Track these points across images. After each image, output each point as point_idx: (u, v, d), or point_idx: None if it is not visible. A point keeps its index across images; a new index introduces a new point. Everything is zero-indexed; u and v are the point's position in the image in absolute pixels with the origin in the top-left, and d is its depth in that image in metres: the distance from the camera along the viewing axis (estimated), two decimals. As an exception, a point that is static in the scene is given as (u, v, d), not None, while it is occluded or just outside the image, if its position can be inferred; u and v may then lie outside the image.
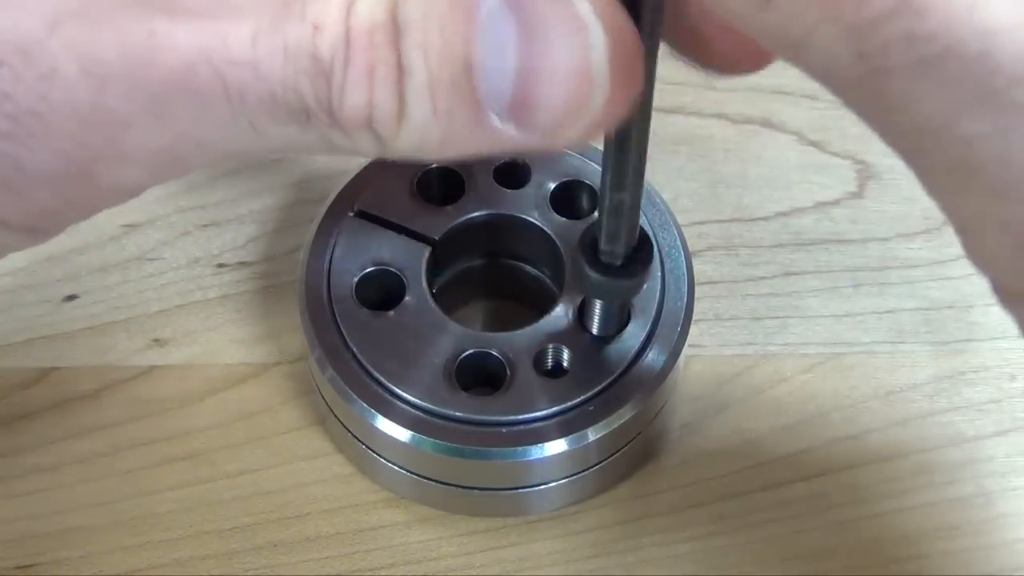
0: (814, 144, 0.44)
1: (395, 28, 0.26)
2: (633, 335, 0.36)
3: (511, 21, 0.26)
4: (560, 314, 0.36)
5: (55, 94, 0.25)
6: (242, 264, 0.41)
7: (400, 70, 0.26)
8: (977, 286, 0.41)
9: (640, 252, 0.33)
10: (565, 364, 0.36)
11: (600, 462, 0.36)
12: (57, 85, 0.25)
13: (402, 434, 0.35)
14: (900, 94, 0.23)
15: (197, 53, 0.26)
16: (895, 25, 0.22)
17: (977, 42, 0.22)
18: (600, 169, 0.29)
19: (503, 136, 0.27)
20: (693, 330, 0.39)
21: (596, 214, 0.32)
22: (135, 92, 0.26)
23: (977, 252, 0.26)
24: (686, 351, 0.38)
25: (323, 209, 0.38)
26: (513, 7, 0.26)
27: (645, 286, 0.35)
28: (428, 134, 0.27)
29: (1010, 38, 0.22)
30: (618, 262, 0.32)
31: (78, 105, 0.26)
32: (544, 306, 0.36)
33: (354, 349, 0.35)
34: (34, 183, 0.27)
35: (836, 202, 0.43)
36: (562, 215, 0.38)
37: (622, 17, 0.27)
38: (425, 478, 0.36)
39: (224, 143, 0.27)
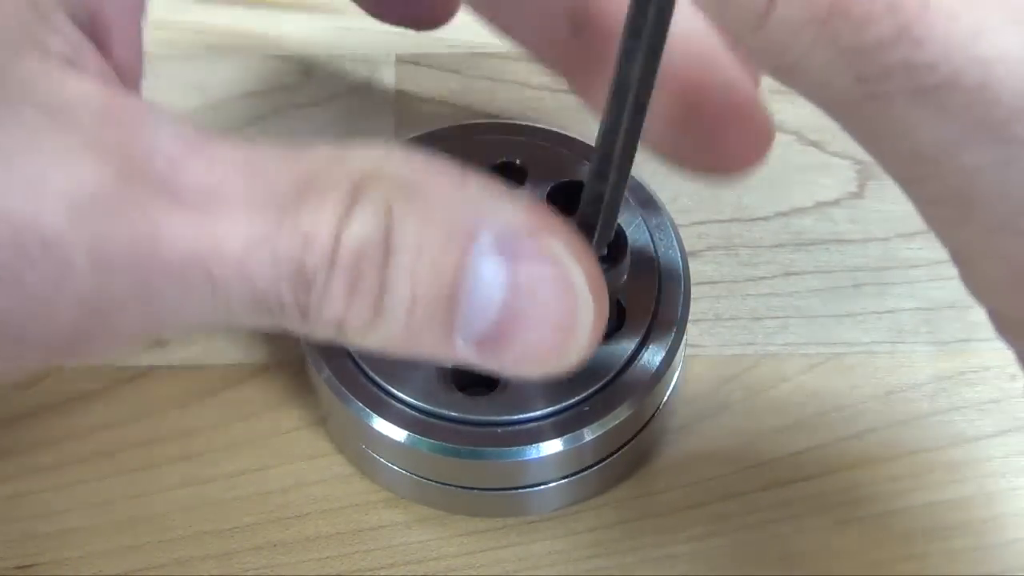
0: (814, 144, 0.44)
1: (386, 250, 0.27)
2: (629, 335, 0.36)
3: (502, 267, 0.27)
4: (556, 314, 0.36)
5: (65, 283, 0.26)
6: (242, 264, 0.42)
7: (381, 287, 0.27)
8: (977, 286, 0.41)
9: (612, 246, 0.32)
10: (561, 364, 0.35)
11: (598, 462, 0.36)
12: (68, 275, 0.26)
13: (399, 434, 0.35)
14: (899, 121, 0.23)
15: (192, 252, 0.26)
16: (894, 52, 0.22)
17: (977, 73, 0.22)
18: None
19: (462, 355, 0.29)
20: (693, 330, 0.40)
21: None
22: (134, 282, 0.27)
23: (974, 282, 0.26)
24: (686, 351, 0.38)
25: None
26: (506, 255, 0.27)
27: (626, 281, 0.35)
28: (392, 341, 0.28)
29: (1011, 70, 0.22)
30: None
31: (83, 293, 0.26)
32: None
33: (350, 349, 0.35)
34: (28, 351, 0.28)
35: (836, 202, 0.43)
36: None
37: (603, 285, 0.29)
38: (423, 478, 0.36)
39: (198, 322, 0.28)
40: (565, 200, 0.38)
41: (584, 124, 0.43)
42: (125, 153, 0.26)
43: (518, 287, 0.28)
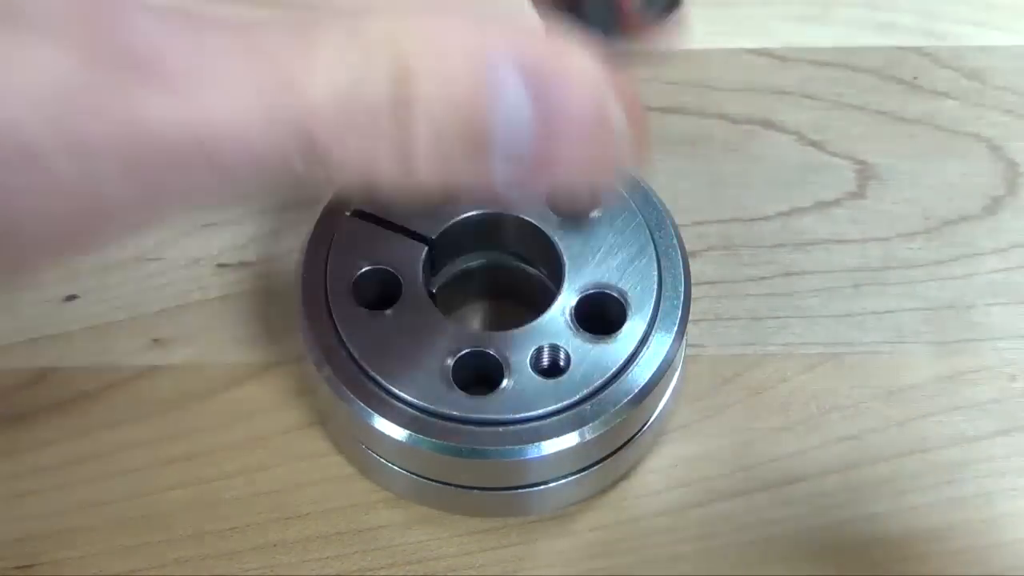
0: (814, 144, 0.44)
1: (402, 98, 0.26)
2: (630, 334, 0.36)
3: (527, 87, 0.27)
4: (557, 313, 0.36)
5: (46, 179, 0.26)
6: (242, 264, 0.42)
7: (402, 135, 0.26)
8: (977, 286, 0.41)
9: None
10: (562, 363, 0.35)
11: (598, 461, 0.36)
12: (47, 170, 0.25)
13: (399, 434, 0.35)
14: None
15: (180, 128, 0.26)
16: None
17: None
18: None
19: (503, 179, 0.28)
20: (693, 330, 0.40)
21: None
22: (121, 168, 0.26)
23: None
24: (686, 351, 0.38)
25: (320, 208, 0.38)
26: (528, 74, 0.27)
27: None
28: (428, 183, 0.27)
29: None
30: None
31: (68, 186, 0.26)
32: (541, 305, 0.36)
33: (351, 349, 0.35)
34: (30, 252, 0.27)
35: (836, 202, 0.43)
36: (558, 214, 0.38)
37: (630, 91, 0.28)
38: (424, 478, 0.36)
39: (204, 199, 0.28)
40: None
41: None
42: (96, 42, 0.25)
43: (546, 104, 0.27)
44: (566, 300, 0.36)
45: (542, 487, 0.36)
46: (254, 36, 0.26)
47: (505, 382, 0.35)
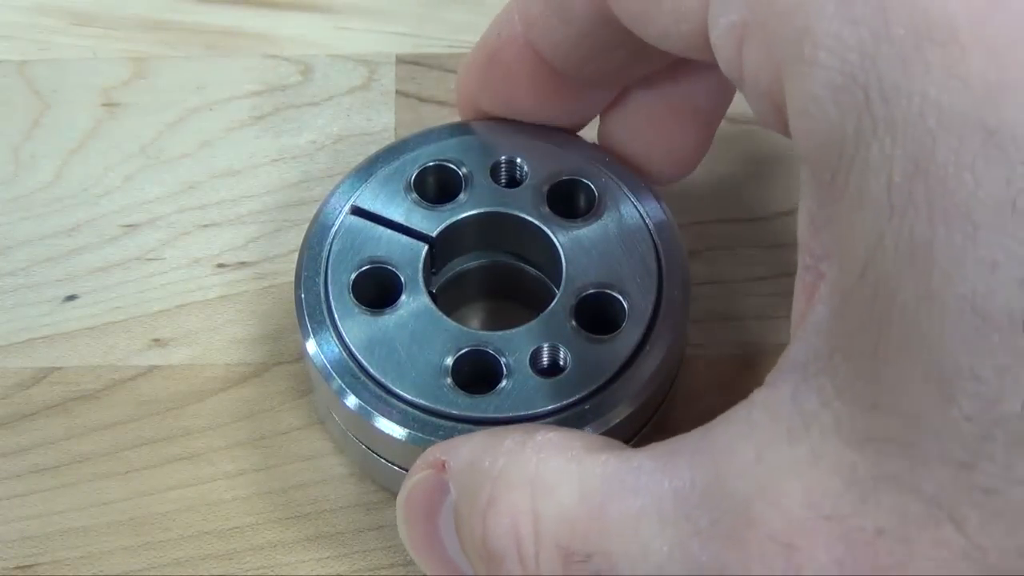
0: (814, 144, 0.44)
1: None
2: (630, 334, 0.36)
3: None
4: (557, 313, 0.36)
5: None
6: (242, 264, 0.42)
7: None
8: (977, 286, 0.41)
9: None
10: (561, 363, 0.35)
11: (598, 462, 0.36)
12: None
13: (399, 433, 0.35)
14: None
15: None
16: None
17: None
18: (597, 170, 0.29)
19: None
20: (693, 330, 0.40)
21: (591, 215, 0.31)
22: None
23: None
24: (686, 351, 0.38)
25: (320, 207, 0.38)
26: None
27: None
28: None
29: None
30: None
31: None
32: (541, 305, 0.36)
33: (351, 348, 0.35)
34: None
35: (836, 202, 0.43)
36: (559, 214, 0.38)
37: None
38: (424, 478, 0.36)
39: None
40: (565, 199, 0.38)
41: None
42: None
43: None
44: (566, 300, 0.36)
45: (542, 487, 0.36)
46: None
47: (505, 382, 0.35)
